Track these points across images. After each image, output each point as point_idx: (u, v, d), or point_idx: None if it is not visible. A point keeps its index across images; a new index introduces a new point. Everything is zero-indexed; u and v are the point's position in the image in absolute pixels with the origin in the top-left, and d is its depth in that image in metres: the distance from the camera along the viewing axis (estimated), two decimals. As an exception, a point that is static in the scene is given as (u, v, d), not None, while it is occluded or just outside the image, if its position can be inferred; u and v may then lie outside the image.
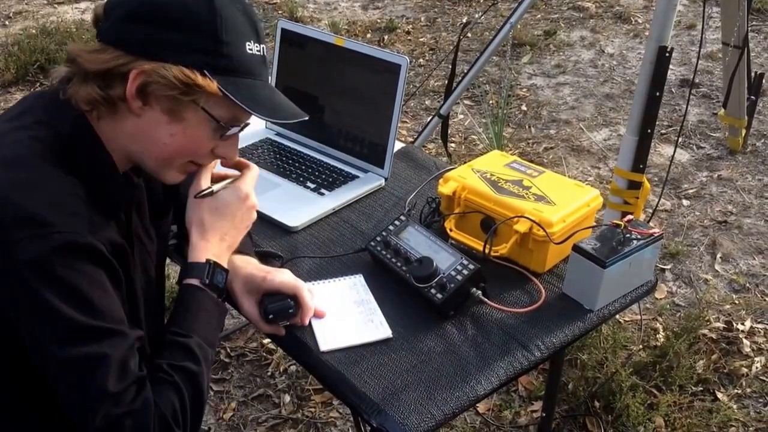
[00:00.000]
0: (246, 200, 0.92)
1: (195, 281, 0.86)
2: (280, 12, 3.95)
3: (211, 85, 0.77)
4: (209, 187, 0.91)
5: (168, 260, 1.10)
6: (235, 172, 0.95)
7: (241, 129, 0.86)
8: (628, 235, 1.04)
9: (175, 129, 0.80)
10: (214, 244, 0.90)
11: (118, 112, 0.80)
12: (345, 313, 1.00)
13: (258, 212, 1.21)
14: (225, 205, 0.91)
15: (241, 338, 1.88)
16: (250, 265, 0.99)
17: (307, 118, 0.87)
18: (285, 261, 1.11)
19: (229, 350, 1.85)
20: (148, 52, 0.77)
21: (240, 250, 1.01)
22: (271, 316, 0.95)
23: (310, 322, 0.98)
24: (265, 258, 1.10)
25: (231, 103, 0.80)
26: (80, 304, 0.73)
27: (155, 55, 0.76)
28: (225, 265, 0.90)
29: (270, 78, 1.32)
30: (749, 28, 2.26)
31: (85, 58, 0.78)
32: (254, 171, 0.95)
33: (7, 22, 3.81)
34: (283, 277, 0.97)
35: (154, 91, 0.77)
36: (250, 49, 0.81)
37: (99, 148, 0.82)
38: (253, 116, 0.82)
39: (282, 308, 0.95)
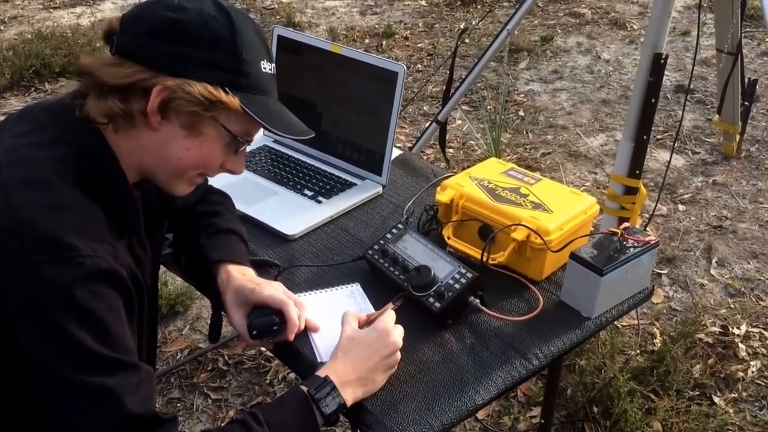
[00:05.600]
0: (386, 335, 0.89)
1: (304, 388, 0.84)
2: (278, 17, 3.96)
3: (234, 102, 0.79)
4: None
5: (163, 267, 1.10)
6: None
7: (250, 143, 0.88)
8: (624, 243, 1.05)
9: (191, 143, 0.81)
10: (343, 369, 0.87)
11: (136, 126, 0.80)
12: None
13: (255, 220, 1.22)
14: (363, 336, 0.90)
15: (240, 345, 1.88)
16: (243, 276, 0.99)
17: (313, 135, 0.90)
18: (282, 270, 1.11)
19: (227, 358, 1.84)
20: (171, 68, 0.77)
21: (235, 260, 1.01)
22: (255, 332, 0.94)
23: (307, 333, 0.98)
24: (262, 267, 1.10)
25: (247, 119, 0.82)
26: (98, 333, 0.72)
27: (178, 71, 0.77)
28: (348, 398, 0.85)
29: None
30: (743, 35, 2.28)
31: (102, 71, 0.78)
32: (391, 312, 0.94)
33: (2, 27, 3.80)
34: (271, 290, 0.96)
35: (176, 106, 0.78)
36: (264, 68, 0.83)
37: (115, 168, 0.82)
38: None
39: (266, 324, 0.94)
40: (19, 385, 0.76)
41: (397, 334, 0.92)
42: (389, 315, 0.94)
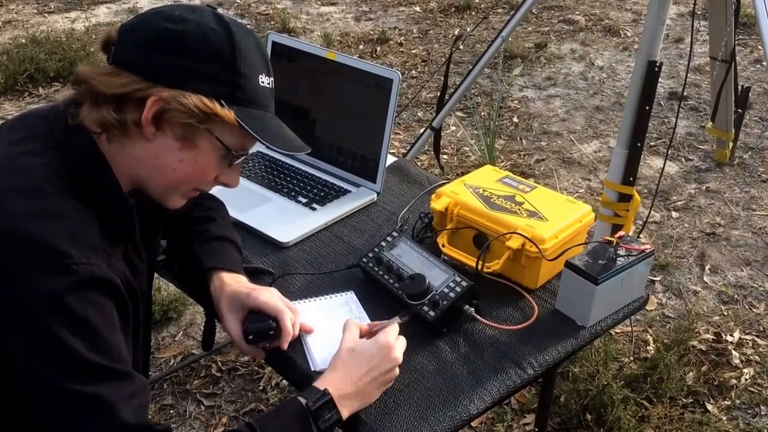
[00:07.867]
0: (388, 351, 0.88)
1: (303, 400, 0.83)
2: (272, 23, 3.96)
3: (229, 115, 0.79)
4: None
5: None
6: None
7: (245, 157, 0.88)
8: (619, 252, 1.05)
9: (185, 155, 0.81)
10: (342, 382, 0.85)
11: (130, 136, 0.80)
12: (337, 331, 0.99)
13: (248, 227, 1.22)
14: (364, 349, 0.89)
15: (233, 352, 1.86)
16: (237, 282, 0.99)
17: (310, 151, 0.90)
18: (276, 277, 1.11)
19: (220, 364, 1.83)
20: (167, 79, 0.77)
21: (229, 268, 1.01)
22: (251, 337, 0.93)
23: (301, 341, 0.98)
24: (256, 275, 1.09)
25: (243, 132, 0.81)
26: (91, 341, 0.72)
27: (174, 82, 0.77)
28: (344, 412, 0.84)
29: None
30: (736, 42, 2.30)
31: (98, 80, 0.77)
32: (395, 326, 0.93)
33: (-4, 31, 3.79)
34: (267, 296, 0.96)
35: (170, 117, 0.78)
36: (263, 82, 0.83)
37: (108, 176, 0.81)
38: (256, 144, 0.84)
39: (262, 329, 0.93)
40: (12, 388, 0.76)
41: (399, 349, 0.90)
42: (393, 329, 0.92)
